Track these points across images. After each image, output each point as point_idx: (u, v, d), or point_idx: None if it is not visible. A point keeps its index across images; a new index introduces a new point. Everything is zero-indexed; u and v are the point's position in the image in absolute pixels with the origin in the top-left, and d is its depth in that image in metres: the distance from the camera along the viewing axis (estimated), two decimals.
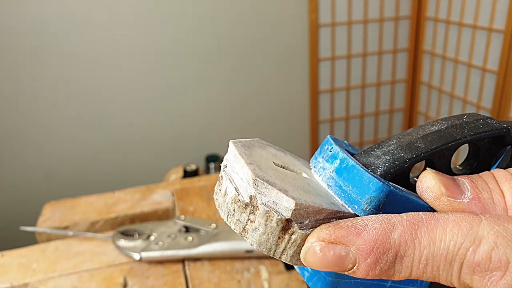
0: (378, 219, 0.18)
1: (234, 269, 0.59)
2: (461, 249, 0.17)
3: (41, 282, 0.60)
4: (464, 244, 0.17)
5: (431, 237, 0.17)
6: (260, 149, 0.23)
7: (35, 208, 1.17)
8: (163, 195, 0.79)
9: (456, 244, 0.17)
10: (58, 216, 0.74)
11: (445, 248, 0.17)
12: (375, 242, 0.18)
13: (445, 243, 0.17)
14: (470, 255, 0.17)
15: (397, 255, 0.18)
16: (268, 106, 1.84)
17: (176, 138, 1.77)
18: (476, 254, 0.17)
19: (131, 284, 0.58)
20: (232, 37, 1.68)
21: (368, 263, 0.18)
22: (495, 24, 1.46)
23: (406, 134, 0.23)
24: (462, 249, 0.17)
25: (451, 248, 0.17)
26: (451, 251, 0.17)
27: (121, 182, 1.67)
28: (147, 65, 1.63)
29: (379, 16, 1.80)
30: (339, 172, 0.21)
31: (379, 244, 0.18)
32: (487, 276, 0.17)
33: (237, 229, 0.20)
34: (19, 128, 1.59)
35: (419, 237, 0.18)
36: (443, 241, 0.17)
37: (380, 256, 0.18)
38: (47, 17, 1.47)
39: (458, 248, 0.17)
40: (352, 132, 2.00)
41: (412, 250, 0.18)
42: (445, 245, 0.17)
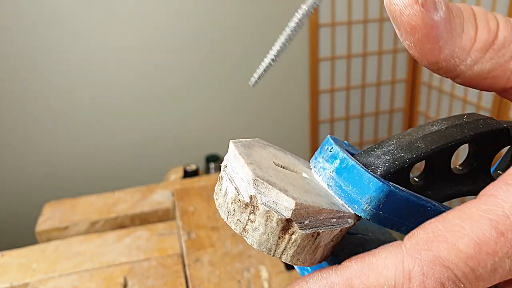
0: (317, 281, 0.19)
1: (234, 269, 0.59)
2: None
3: (41, 282, 0.60)
4: (396, 285, 0.17)
5: (366, 287, 0.18)
6: (260, 149, 0.23)
7: (35, 208, 1.17)
8: (163, 195, 0.79)
9: (390, 287, 0.18)
10: (58, 216, 0.74)
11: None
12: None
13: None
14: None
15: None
16: (268, 106, 1.84)
17: (176, 138, 1.77)
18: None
19: (131, 284, 0.58)
20: (232, 37, 1.68)
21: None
22: None
23: (406, 134, 0.23)
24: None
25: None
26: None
27: (121, 182, 1.67)
28: (147, 65, 1.63)
29: (379, 16, 1.80)
30: (339, 172, 0.21)
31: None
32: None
33: (237, 229, 0.20)
34: (19, 128, 1.59)
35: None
36: (377, 286, 0.18)
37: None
38: (48, 17, 1.47)
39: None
40: (352, 132, 2.00)
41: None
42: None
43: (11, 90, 1.53)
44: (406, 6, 0.18)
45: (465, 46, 0.18)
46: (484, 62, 0.19)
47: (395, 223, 0.20)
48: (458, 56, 0.19)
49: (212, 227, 0.68)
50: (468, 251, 0.17)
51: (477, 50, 0.18)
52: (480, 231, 0.17)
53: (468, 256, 0.17)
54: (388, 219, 0.20)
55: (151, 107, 1.69)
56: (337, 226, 0.20)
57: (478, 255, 0.17)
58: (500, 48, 0.18)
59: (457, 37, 0.18)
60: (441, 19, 0.18)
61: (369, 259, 0.19)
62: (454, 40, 0.18)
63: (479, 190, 0.24)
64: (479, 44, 0.18)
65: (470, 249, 0.17)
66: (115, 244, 0.67)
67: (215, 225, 0.69)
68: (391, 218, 0.20)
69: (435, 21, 0.18)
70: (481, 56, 0.18)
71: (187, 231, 0.68)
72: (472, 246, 0.17)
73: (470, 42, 0.18)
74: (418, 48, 0.19)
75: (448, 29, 0.18)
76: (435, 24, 0.18)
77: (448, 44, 0.18)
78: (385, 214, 0.20)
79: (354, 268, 0.19)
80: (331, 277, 0.19)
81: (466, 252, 0.17)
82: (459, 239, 0.17)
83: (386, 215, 0.20)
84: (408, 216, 0.20)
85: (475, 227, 0.17)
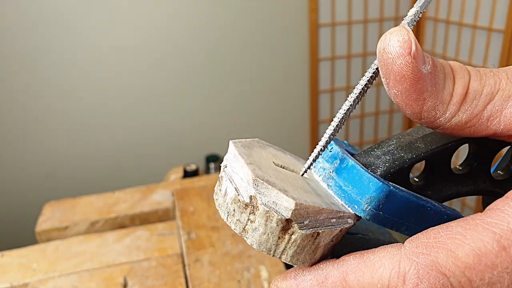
0: (313, 271, 0.20)
1: (234, 269, 0.59)
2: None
3: (41, 282, 0.60)
4: (390, 285, 0.18)
5: (360, 283, 0.18)
6: (260, 149, 0.23)
7: (35, 208, 1.17)
8: (163, 195, 0.79)
9: (383, 286, 0.18)
10: (58, 216, 0.74)
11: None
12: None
13: (374, 286, 0.18)
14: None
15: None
16: (268, 106, 1.84)
17: (176, 138, 1.77)
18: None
19: (131, 284, 0.58)
20: (232, 37, 1.68)
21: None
22: (495, 24, 1.46)
23: (406, 134, 0.23)
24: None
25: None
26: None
27: (121, 182, 1.67)
28: (147, 65, 1.63)
29: (379, 16, 1.80)
30: (339, 172, 0.21)
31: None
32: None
33: (237, 229, 0.20)
34: (19, 128, 1.59)
35: (350, 285, 0.19)
36: (371, 284, 0.18)
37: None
38: (48, 16, 1.47)
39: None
40: (352, 132, 2.00)
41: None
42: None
43: (11, 90, 1.53)
44: (399, 56, 0.18)
45: (445, 100, 0.19)
46: (460, 114, 0.19)
47: (395, 223, 0.20)
48: (438, 109, 0.19)
49: (212, 227, 0.68)
50: (467, 260, 0.17)
51: (454, 104, 0.19)
52: (481, 243, 0.17)
53: (467, 266, 0.17)
54: (388, 219, 0.20)
55: (151, 107, 1.69)
56: (337, 226, 0.20)
57: (477, 266, 0.16)
58: (473, 100, 0.19)
59: (440, 91, 0.19)
60: (427, 72, 0.19)
61: (367, 256, 0.19)
62: (437, 94, 0.19)
63: (479, 190, 0.24)
64: (455, 98, 0.19)
65: (469, 259, 0.17)
66: (115, 244, 0.67)
67: (215, 225, 0.69)
68: (391, 218, 0.20)
69: (423, 73, 0.19)
70: (457, 109, 0.19)
71: (187, 231, 0.68)
72: (471, 256, 0.17)
73: (449, 96, 0.19)
74: (404, 97, 0.19)
75: (433, 82, 0.19)
76: (422, 76, 0.19)
77: (431, 96, 0.19)
78: (385, 214, 0.20)
79: (351, 263, 0.19)
80: (328, 269, 0.19)
81: (465, 262, 0.17)
82: (459, 247, 0.17)
83: (386, 215, 0.20)
84: (408, 216, 0.20)
85: (477, 238, 0.17)
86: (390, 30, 0.19)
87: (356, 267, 0.19)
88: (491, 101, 0.19)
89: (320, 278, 0.19)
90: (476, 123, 0.20)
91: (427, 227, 0.21)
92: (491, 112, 0.19)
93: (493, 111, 0.19)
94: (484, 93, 0.19)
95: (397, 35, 0.18)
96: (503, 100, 0.19)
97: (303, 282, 0.20)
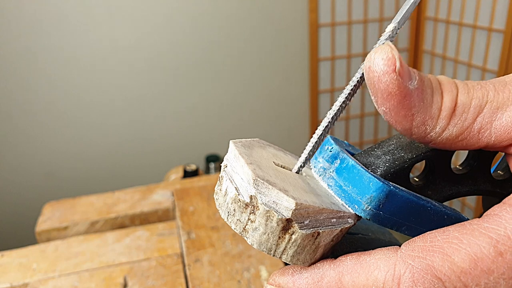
0: (310, 270, 0.20)
1: (234, 269, 0.59)
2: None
3: (41, 282, 0.60)
4: (385, 287, 0.18)
5: (355, 284, 0.18)
6: (260, 149, 0.23)
7: (35, 208, 1.17)
8: (163, 195, 0.79)
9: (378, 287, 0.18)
10: (58, 216, 0.74)
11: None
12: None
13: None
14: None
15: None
16: (268, 106, 1.84)
17: (176, 138, 1.77)
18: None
19: (131, 284, 0.58)
20: (232, 37, 1.68)
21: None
22: (495, 24, 1.46)
23: None
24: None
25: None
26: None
27: (121, 182, 1.67)
28: (147, 65, 1.63)
29: (379, 16, 1.80)
30: (339, 172, 0.21)
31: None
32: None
33: (237, 229, 0.20)
34: (19, 128, 1.59)
35: (345, 286, 0.19)
36: (366, 285, 0.18)
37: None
38: (47, 16, 1.47)
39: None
40: (352, 132, 2.00)
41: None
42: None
43: (11, 90, 1.53)
44: (384, 74, 0.18)
45: (434, 115, 0.19)
46: (450, 128, 0.19)
47: (395, 223, 0.20)
48: (428, 124, 0.19)
49: (212, 227, 0.68)
50: (463, 265, 0.17)
51: (443, 118, 0.19)
52: (478, 248, 0.17)
53: (462, 271, 0.17)
54: (388, 219, 0.20)
55: (151, 107, 1.69)
56: (337, 226, 0.20)
57: (473, 271, 0.16)
58: (462, 113, 0.19)
59: (428, 106, 0.19)
60: (414, 88, 0.19)
61: (363, 258, 0.19)
62: (425, 109, 0.19)
63: (479, 190, 0.24)
64: (444, 112, 0.19)
65: (465, 263, 0.17)
66: (115, 244, 0.67)
67: (215, 225, 0.69)
68: (391, 218, 0.20)
69: (409, 89, 0.19)
70: (447, 123, 0.19)
71: (187, 231, 0.68)
72: (467, 261, 0.17)
73: (438, 111, 0.19)
74: (393, 114, 0.19)
75: (420, 98, 0.19)
76: (409, 93, 0.19)
77: (420, 112, 0.19)
78: (385, 214, 0.20)
79: (347, 264, 0.19)
80: (324, 268, 0.20)
81: (461, 267, 0.17)
82: (456, 252, 0.17)
83: (386, 215, 0.20)
84: (408, 216, 0.20)
85: (473, 243, 0.17)
86: (375, 49, 0.19)
87: (352, 268, 0.19)
88: (480, 113, 0.19)
89: (316, 277, 0.19)
90: (467, 136, 0.20)
91: (427, 227, 0.21)
92: (481, 125, 0.19)
93: (483, 124, 0.19)
94: (473, 106, 0.19)
95: (381, 53, 0.19)
96: (492, 112, 0.19)
97: (299, 280, 0.20)
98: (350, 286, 0.19)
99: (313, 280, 0.20)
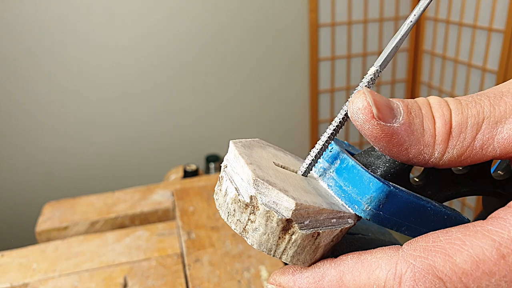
0: (311, 269, 0.20)
1: (234, 269, 0.59)
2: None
3: (41, 282, 0.60)
4: (386, 286, 0.18)
5: (356, 283, 0.18)
6: (260, 149, 0.23)
7: (35, 208, 1.17)
8: (163, 195, 0.79)
9: (379, 287, 0.18)
10: (58, 216, 0.74)
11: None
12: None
13: (370, 287, 0.18)
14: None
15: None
16: (268, 106, 1.84)
17: (176, 138, 1.77)
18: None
19: (131, 284, 0.58)
20: (233, 37, 1.68)
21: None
22: (495, 24, 1.46)
23: None
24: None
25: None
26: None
27: (121, 182, 1.67)
28: (147, 65, 1.63)
29: (379, 16, 1.80)
30: (339, 172, 0.21)
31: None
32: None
33: (237, 229, 0.20)
34: (18, 128, 1.59)
35: (346, 284, 0.19)
36: (367, 284, 0.18)
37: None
38: (47, 17, 1.47)
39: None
40: (352, 132, 2.00)
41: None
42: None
43: (11, 90, 1.53)
44: (364, 122, 0.19)
45: (428, 143, 0.19)
46: (449, 150, 0.19)
47: (395, 223, 0.20)
48: (425, 152, 0.19)
49: (212, 227, 0.68)
50: (465, 267, 0.17)
51: (439, 143, 0.19)
52: (480, 250, 0.17)
53: (464, 272, 0.17)
54: (388, 219, 0.20)
55: (151, 107, 1.69)
56: (337, 226, 0.20)
57: (474, 272, 0.16)
58: (459, 134, 0.19)
59: (420, 137, 0.19)
60: (400, 124, 0.19)
61: (364, 257, 0.19)
62: (418, 140, 0.19)
63: (479, 190, 0.24)
64: (439, 137, 0.19)
65: (467, 265, 0.17)
66: (115, 244, 0.67)
67: (215, 225, 0.69)
68: (391, 218, 0.20)
69: (395, 128, 0.19)
70: (445, 147, 0.19)
71: (187, 231, 0.68)
72: (469, 262, 0.17)
73: (432, 138, 0.19)
74: (387, 152, 0.19)
75: (410, 131, 0.19)
76: (395, 131, 0.19)
77: (412, 145, 0.19)
78: (385, 214, 0.20)
79: (348, 263, 0.19)
80: (325, 267, 0.20)
81: (462, 268, 0.17)
82: (458, 253, 0.17)
83: (386, 215, 0.20)
84: (408, 216, 0.20)
85: (476, 245, 0.17)
86: (352, 97, 0.19)
87: (353, 267, 0.19)
88: (479, 131, 0.19)
89: (317, 276, 0.19)
90: (470, 154, 0.19)
91: (427, 227, 0.21)
92: (483, 141, 0.19)
93: (484, 140, 0.19)
94: (470, 125, 0.19)
95: (357, 102, 0.19)
96: (491, 128, 0.19)
97: (300, 279, 0.20)
98: (351, 285, 0.18)
99: (314, 280, 0.20)
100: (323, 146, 0.22)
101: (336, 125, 0.21)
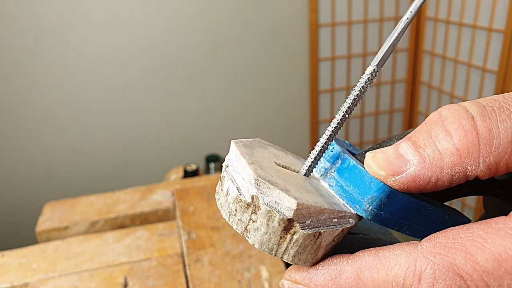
0: (327, 266, 0.20)
1: (234, 269, 0.59)
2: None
3: (41, 282, 0.60)
4: (405, 283, 0.17)
5: (375, 280, 0.18)
6: (262, 149, 0.23)
7: (35, 208, 1.17)
8: (163, 195, 0.79)
9: (398, 284, 0.17)
10: (58, 216, 0.74)
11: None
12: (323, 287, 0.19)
13: (388, 284, 0.18)
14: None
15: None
16: (268, 106, 1.84)
17: (176, 138, 1.77)
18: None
19: (131, 284, 0.58)
20: (233, 37, 1.68)
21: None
22: (495, 24, 1.46)
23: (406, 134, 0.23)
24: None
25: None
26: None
27: (121, 182, 1.67)
28: (148, 65, 1.63)
29: (379, 16, 1.80)
30: (340, 172, 0.21)
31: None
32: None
33: (238, 229, 0.20)
34: (19, 128, 1.59)
35: (364, 282, 0.18)
36: (386, 282, 0.18)
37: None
38: (47, 16, 1.47)
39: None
40: (352, 132, 2.00)
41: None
42: (389, 286, 0.18)
43: (11, 90, 1.53)
44: (385, 180, 0.19)
45: (453, 163, 0.18)
46: (485, 160, 0.18)
47: (396, 223, 0.20)
48: (456, 171, 0.18)
49: (212, 227, 0.68)
50: (486, 265, 0.16)
51: (467, 156, 0.18)
52: (503, 248, 0.16)
53: (485, 270, 0.16)
54: (389, 219, 0.20)
55: (151, 107, 1.69)
56: (339, 226, 0.20)
57: (496, 271, 0.16)
58: (492, 139, 0.18)
59: (440, 163, 0.18)
60: (416, 166, 0.18)
61: (382, 253, 0.18)
62: (440, 167, 0.18)
63: (480, 190, 0.24)
64: (465, 151, 0.18)
65: (489, 263, 0.16)
66: (115, 244, 0.67)
67: (215, 225, 0.69)
68: (392, 218, 0.20)
69: (412, 174, 0.18)
70: (477, 157, 0.18)
71: (187, 231, 0.68)
72: (491, 261, 0.16)
73: (453, 156, 0.18)
74: (427, 191, 0.19)
75: (427, 167, 0.18)
76: (416, 175, 0.18)
77: (439, 173, 0.18)
78: (386, 214, 0.20)
79: (366, 260, 0.19)
80: (341, 264, 0.19)
81: (484, 266, 0.16)
82: (479, 251, 0.16)
83: (387, 215, 0.20)
84: (409, 216, 0.20)
85: (498, 243, 0.16)
86: (368, 161, 0.19)
87: (371, 264, 0.18)
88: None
89: (334, 273, 0.19)
90: (509, 159, 0.18)
91: (428, 227, 0.21)
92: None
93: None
94: (503, 128, 0.17)
95: (372, 167, 0.19)
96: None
97: (316, 276, 0.20)
98: (369, 282, 0.18)
99: (330, 277, 0.19)
100: (323, 146, 0.22)
101: (336, 125, 0.21)
